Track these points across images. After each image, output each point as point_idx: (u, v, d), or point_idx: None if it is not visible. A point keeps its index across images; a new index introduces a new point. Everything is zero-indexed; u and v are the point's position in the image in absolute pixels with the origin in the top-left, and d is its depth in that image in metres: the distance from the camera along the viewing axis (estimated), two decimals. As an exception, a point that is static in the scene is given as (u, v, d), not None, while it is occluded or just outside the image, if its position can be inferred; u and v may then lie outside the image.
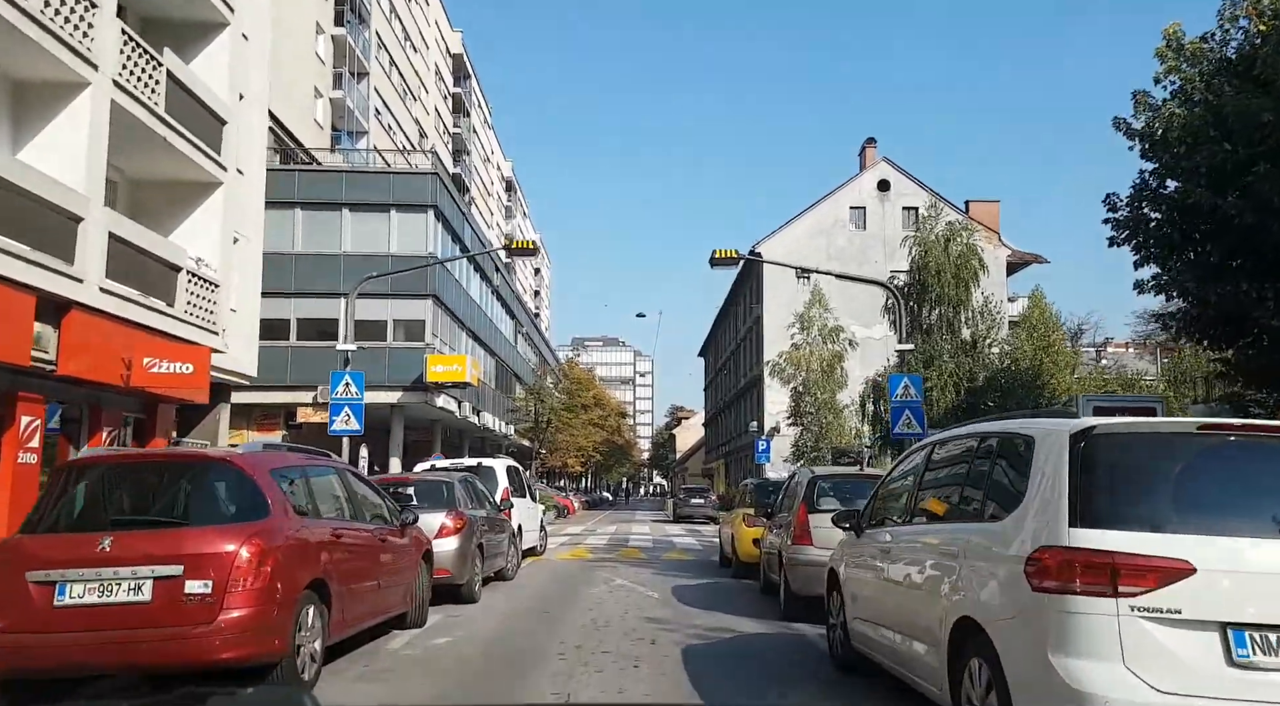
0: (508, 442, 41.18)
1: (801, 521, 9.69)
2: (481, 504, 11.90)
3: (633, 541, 20.61)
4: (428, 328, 30.73)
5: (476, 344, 39.05)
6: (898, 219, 49.03)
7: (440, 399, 31.83)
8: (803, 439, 40.56)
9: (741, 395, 55.42)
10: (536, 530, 16.60)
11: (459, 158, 62.62)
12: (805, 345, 40.56)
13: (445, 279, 32.41)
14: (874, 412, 32.21)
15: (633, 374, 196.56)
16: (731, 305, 59.86)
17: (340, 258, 30.79)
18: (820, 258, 47.59)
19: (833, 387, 39.53)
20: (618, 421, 67.02)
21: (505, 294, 47.00)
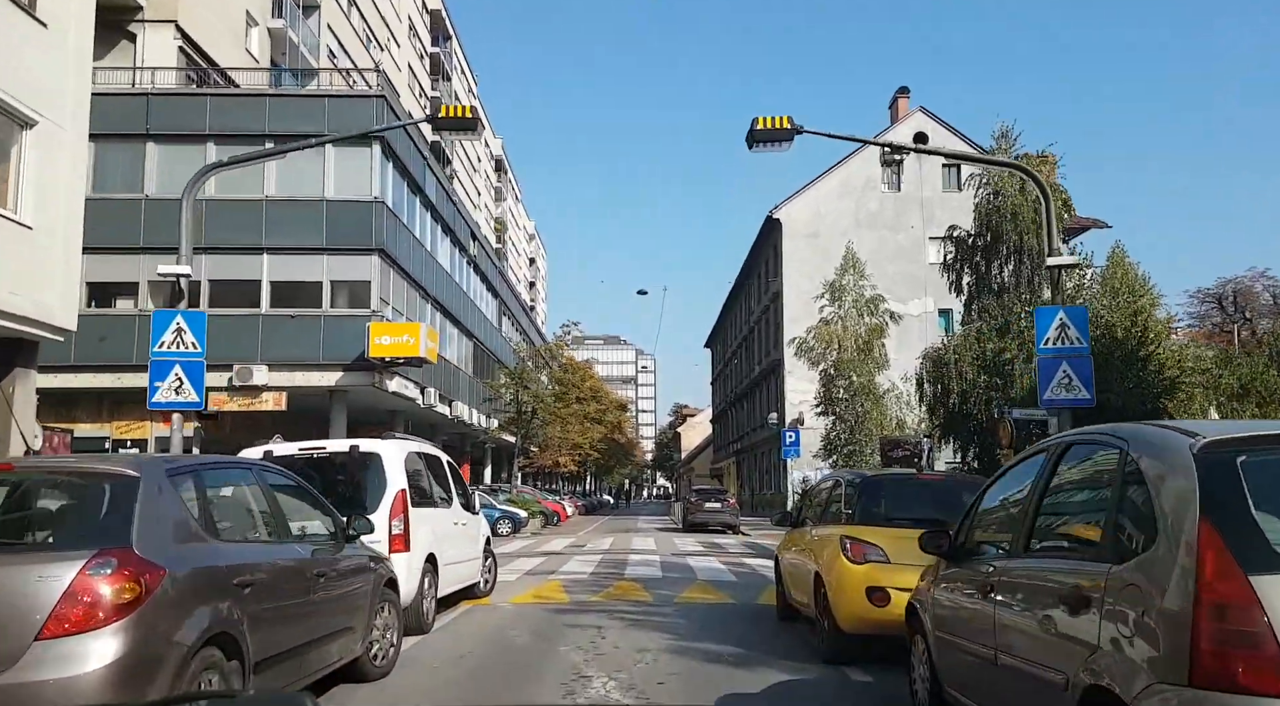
0: (485, 438, 34.87)
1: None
2: (285, 530, 5.44)
3: (633, 565, 14.40)
4: (374, 290, 24.44)
5: (446, 319, 32.74)
6: (937, 177, 42.73)
7: (394, 382, 25.53)
8: (835, 431, 34.18)
9: (757, 384, 49.09)
10: (476, 559, 10.23)
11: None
12: (837, 319, 34.23)
13: (398, 231, 26.13)
14: (935, 394, 25.88)
15: (634, 372, 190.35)
16: (744, 283, 53.53)
17: (262, 204, 24.51)
18: (848, 222, 41.43)
19: (871, 369, 33.16)
20: (618, 416, 60.68)
21: (486, 268, 40.71)
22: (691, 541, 22.13)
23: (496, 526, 25.88)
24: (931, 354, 26.51)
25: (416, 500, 8.20)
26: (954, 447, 27.37)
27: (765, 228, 43.79)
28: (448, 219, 32.88)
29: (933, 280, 42.14)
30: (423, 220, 29.71)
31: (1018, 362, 24.10)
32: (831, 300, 34.30)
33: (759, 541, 22.68)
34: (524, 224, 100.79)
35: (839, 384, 33.87)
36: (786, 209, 42.13)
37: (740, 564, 15.00)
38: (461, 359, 35.42)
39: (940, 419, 26.65)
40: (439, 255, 31.83)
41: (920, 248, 41.76)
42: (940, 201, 42.38)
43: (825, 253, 41.38)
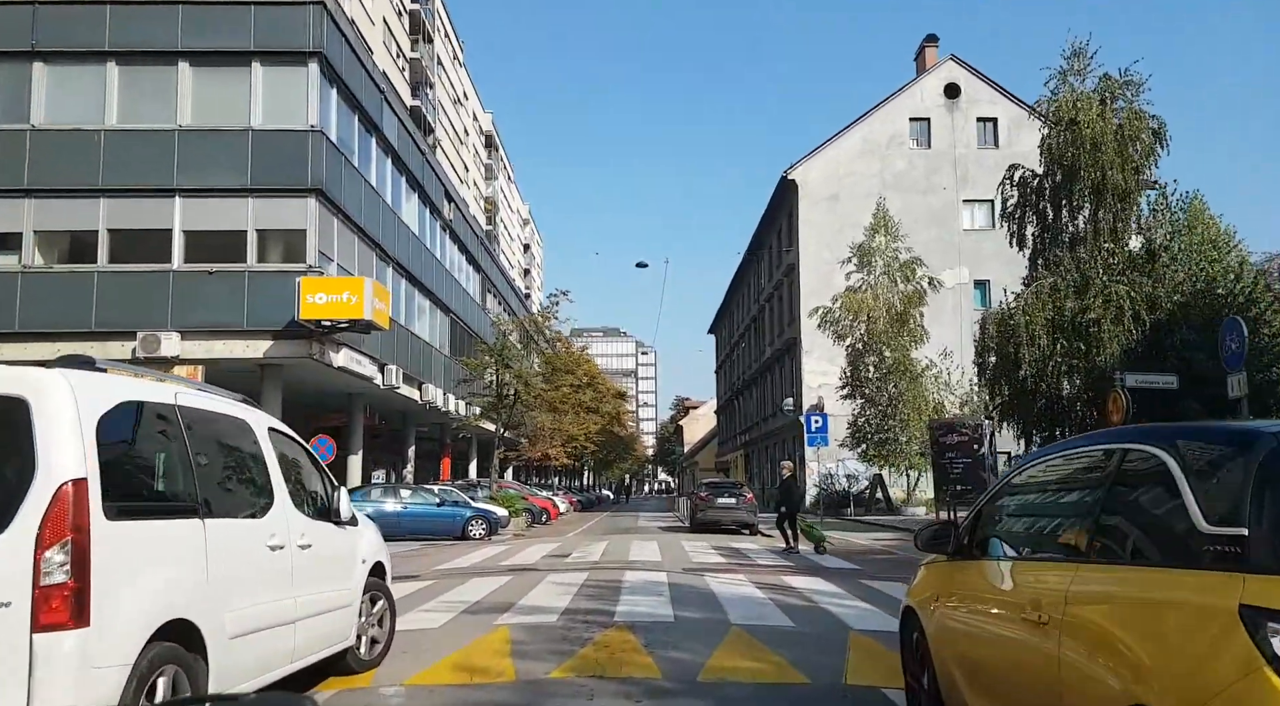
0: (460, 425, 30.30)
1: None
2: None
3: (629, 593, 9.83)
4: (311, 241, 19.92)
5: (415, 288, 28.22)
6: (971, 134, 38.12)
7: (340, 355, 21.03)
8: (864, 415, 29.68)
9: (768, 368, 44.58)
10: (341, 607, 5.54)
11: (419, 91, 51.84)
12: (866, 286, 29.72)
13: (343, 172, 21.59)
14: (998, 366, 21.36)
15: (634, 366, 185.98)
16: (753, 258, 49.00)
17: (174, 136, 19.98)
18: (873, 183, 36.89)
19: (906, 343, 28.64)
20: (616, 406, 56.12)
21: (466, 237, 36.17)
22: (705, 546, 17.64)
23: (468, 529, 21.42)
24: (993, 317, 21.96)
25: (133, 504, 3.71)
26: (1016, 430, 22.86)
27: (779, 191, 39.24)
28: (415, 172, 28.34)
29: (968, 248, 37.68)
30: (381, 167, 25.17)
31: (1104, 324, 19.59)
32: (860, 265, 29.81)
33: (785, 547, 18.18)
34: (517, 206, 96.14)
35: (868, 361, 29.40)
36: (803, 169, 37.59)
37: (784, 589, 10.48)
38: (436, 336, 30.92)
39: (1003, 395, 22.15)
40: (404, 212, 27.28)
41: (953, 212, 37.23)
42: (976, 160, 37.84)
43: (846, 218, 36.86)
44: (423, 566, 14.16)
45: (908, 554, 16.20)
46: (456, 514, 21.66)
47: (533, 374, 28.04)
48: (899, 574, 12.48)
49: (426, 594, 10.08)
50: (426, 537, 21.11)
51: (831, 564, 14.04)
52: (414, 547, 18.93)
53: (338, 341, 20.77)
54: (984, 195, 37.76)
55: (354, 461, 26.06)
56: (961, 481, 20.92)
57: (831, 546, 16.39)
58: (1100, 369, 19.27)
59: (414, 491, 22.25)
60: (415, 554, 17.18)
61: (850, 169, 37.62)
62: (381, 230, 24.51)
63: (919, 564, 4.98)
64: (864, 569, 13.20)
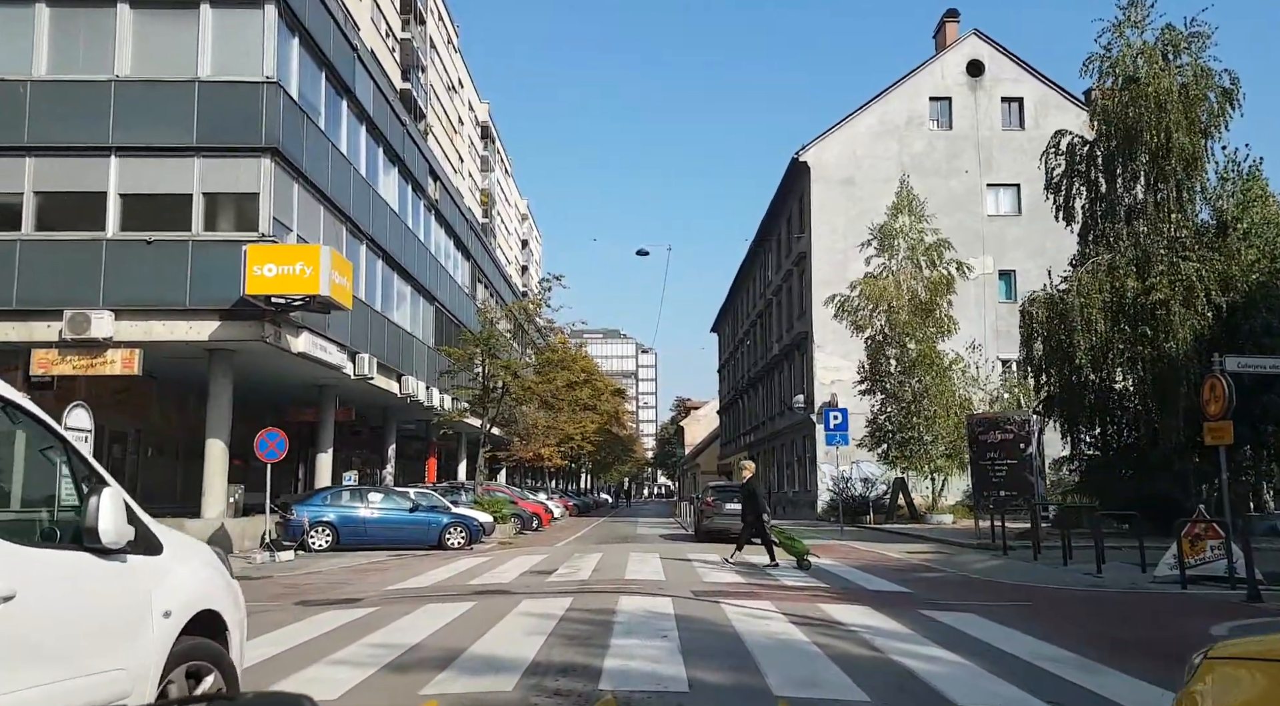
0: (442, 421, 27.79)
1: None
2: None
3: (623, 635, 7.23)
4: (264, 207, 17.43)
5: (394, 272, 25.74)
6: (996, 115, 35.64)
7: (300, 339, 18.56)
8: (885, 412, 27.17)
9: (776, 365, 42.08)
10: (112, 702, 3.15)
11: (409, 74, 49.43)
12: (888, 272, 27.23)
13: (305, 132, 19.10)
14: (1047, 354, 18.86)
15: (634, 367, 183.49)
16: (760, 249, 46.51)
17: (110, 87, 17.51)
18: (890, 166, 34.41)
19: (931, 334, 26.14)
20: (615, 405, 53.57)
21: (454, 220, 33.70)
22: (715, 560, 15.15)
23: (445, 538, 18.94)
24: (1041, 300, 19.46)
25: None
26: (1060, 426, 20.34)
27: (790, 175, 36.77)
28: (395, 144, 25.87)
29: (991, 235, 35.18)
30: (354, 134, 22.70)
31: (1173, 306, 17.10)
32: (881, 249, 27.28)
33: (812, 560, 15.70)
34: (515, 201, 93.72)
35: (889, 353, 26.88)
36: (815, 151, 35.11)
37: (829, 625, 7.97)
38: (419, 326, 28.43)
39: (1053, 386, 19.66)
40: (381, 187, 24.80)
41: (976, 197, 34.75)
42: (1001, 142, 35.40)
43: (862, 202, 34.41)
44: (371, 586, 11.67)
45: (955, 572, 13.70)
46: (432, 520, 19.17)
47: (522, 365, 25.54)
48: (961, 599, 9.99)
49: (351, 632, 7.59)
50: (398, 547, 18.65)
51: (873, 584, 11.55)
52: (378, 559, 16.44)
53: (297, 323, 18.28)
54: (1009, 179, 35.43)
55: (324, 460, 23.55)
56: (1005, 486, 18.45)
57: (816, 561, 13.98)
58: (1169, 357, 16.80)
59: (384, 495, 19.77)
60: (373, 568, 14.70)
61: (866, 151, 35.15)
62: (353, 203, 22.04)
63: (1196, 659, 2.46)
64: (914, 592, 10.71)
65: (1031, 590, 11.23)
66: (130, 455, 22.49)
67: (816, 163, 34.92)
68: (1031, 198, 35.30)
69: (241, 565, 14.95)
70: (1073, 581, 12.08)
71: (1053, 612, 9.29)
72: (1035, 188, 35.94)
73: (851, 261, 32.61)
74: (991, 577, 12.77)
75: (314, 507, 18.43)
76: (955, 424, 26.01)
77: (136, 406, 21.98)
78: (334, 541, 18.34)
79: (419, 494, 22.93)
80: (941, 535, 21.25)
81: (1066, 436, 20.32)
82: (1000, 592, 10.96)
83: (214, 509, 17.80)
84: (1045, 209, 35.87)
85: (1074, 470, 20.84)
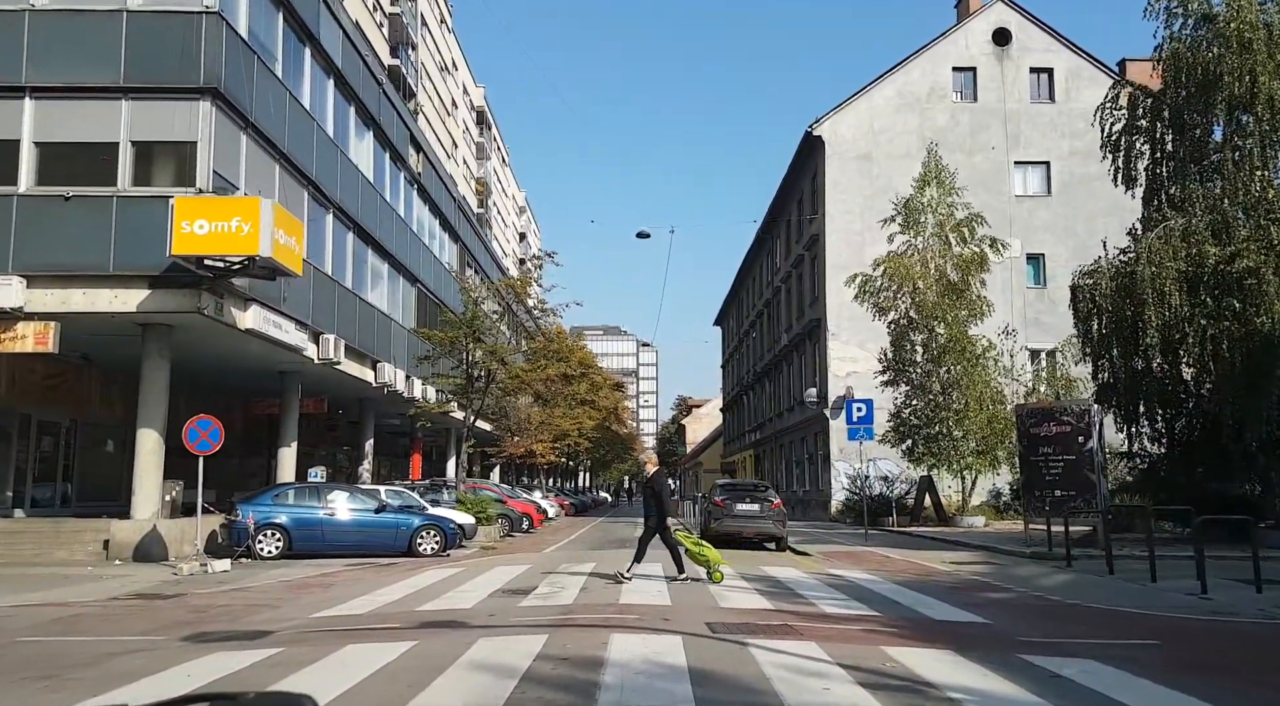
0: (416, 413, 25.20)
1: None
2: None
3: (612, 684, 5.14)
4: (203, 157, 14.95)
5: (368, 247, 23.27)
6: (1024, 87, 33.16)
7: (249, 313, 16.09)
8: (910, 404, 24.69)
9: (785, 358, 39.59)
10: None
11: (399, 50, 46.91)
12: (913, 249, 24.75)
13: (255, 74, 16.57)
14: (1108, 332, 16.38)
15: (635, 365, 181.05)
16: (767, 235, 44.00)
17: (23, 18, 15.05)
18: (910, 141, 31.98)
19: (963, 317, 23.68)
20: (614, 400, 51.00)
21: (438, 196, 31.22)
22: (730, 574, 12.69)
23: (416, 543, 16.51)
24: (1106, 270, 16.97)
25: None
26: (1117, 417, 17.85)
27: (802, 150, 34.26)
28: (370, 106, 23.39)
29: (1019, 217, 32.63)
30: (319, 87, 20.22)
31: (1265, 274, 14.61)
32: (905, 226, 24.77)
33: (845, 573, 13.31)
34: (513, 192, 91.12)
35: (914, 339, 24.39)
36: (830, 123, 32.61)
37: (916, 688, 5.47)
38: (399, 309, 25.97)
39: (1117, 371, 17.17)
40: (353, 151, 22.33)
41: (1003, 175, 32.26)
42: (1029, 116, 32.93)
43: (880, 180, 31.93)
44: (298, 611, 9.21)
45: (1024, 590, 11.21)
46: (401, 523, 16.69)
47: (510, 351, 23.06)
48: (1063, 636, 7.52)
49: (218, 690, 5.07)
50: (361, 554, 16.21)
51: (938, 611, 9.08)
52: (330, 571, 13.98)
53: (243, 294, 15.80)
54: (1038, 157, 32.96)
55: (286, 456, 21.07)
56: (1061, 485, 15.96)
57: (852, 575, 11.56)
58: (1262, 333, 14.31)
59: (349, 494, 17.26)
60: (317, 583, 12.22)
61: (885, 124, 32.66)
62: (318, 165, 19.56)
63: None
64: (995, 624, 8.26)
65: (1138, 620, 8.76)
66: (64, 448, 19.99)
67: (831, 137, 32.43)
68: (1062, 176, 32.92)
69: (159, 580, 12.49)
70: (1180, 605, 9.62)
71: (1201, 658, 6.84)
72: (1066, 165, 33.69)
73: (869, 244, 30.14)
74: (1073, 599, 10.29)
75: (262, 508, 15.94)
76: (989, 417, 23.56)
77: (70, 394, 19.49)
78: (286, 547, 15.88)
79: (391, 492, 20.51)
80: (982, 540, 18.78)
81: (1123, 429, 17.83)
82: (1103, 624, 8.49)
83: (146, 508, 15.36)
84: (1077, 189, 33.66)
85: (1132, 467, 18.35)
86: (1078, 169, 32.79)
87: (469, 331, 21.85)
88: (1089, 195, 32.70)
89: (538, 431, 33.55)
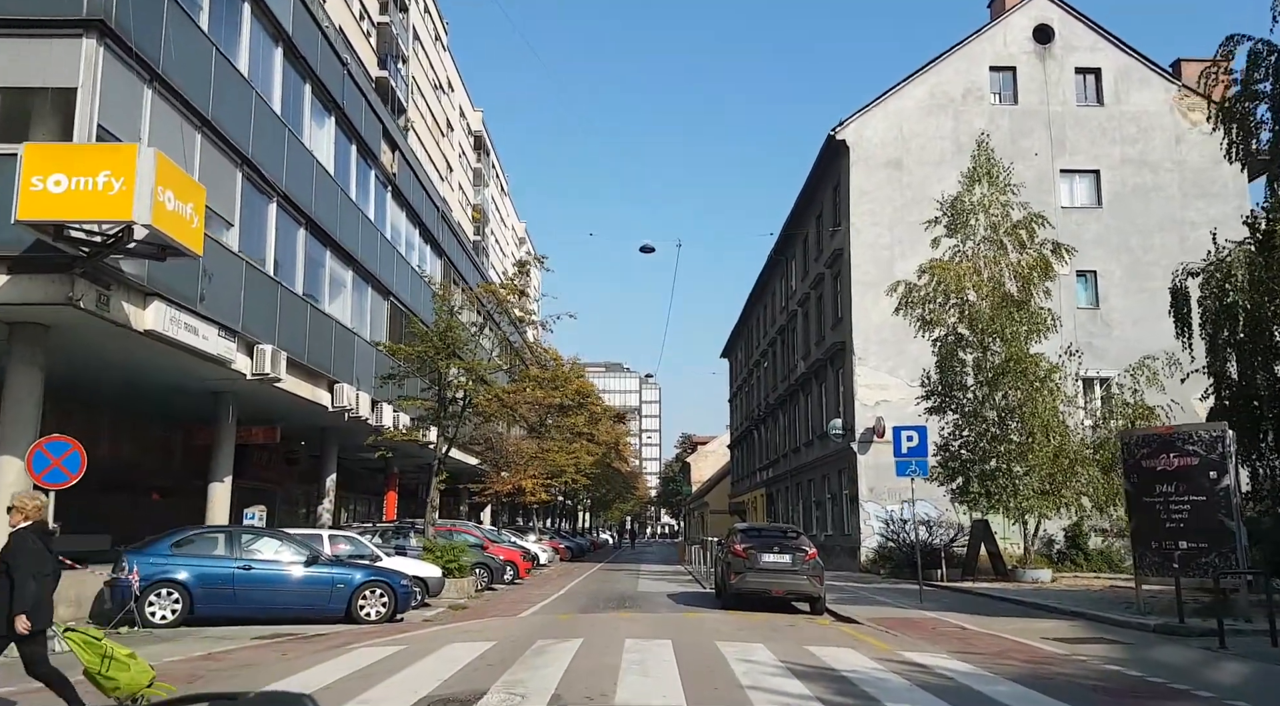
0: (373, 441, 21.33)
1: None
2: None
3: None
4: (84, 105, 11.62)
5: (326, 249, 19.93)
6: (1070, 88, 30.10)
7: (148, 311, 12.67)
8: (961, 435, 21.13)
9: (802, 387, 36.05)
10: None
11: (388, 63, 44.18)
12: (961, 255, 21.40)
13: (159, 9, 13.24)
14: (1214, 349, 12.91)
15: (638, 402, 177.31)
16: (781, 256, 40.70)
17: None
18: (944, 146, 28.90)
19: (1023, 332, 20.21)
20: (615, 434, 47.29)
21: (417, 202, 27.98)
22: (765, 656, 9.08)
23: (357, 604, 12.95)
24: (1240, 259, 13.50)
25: None
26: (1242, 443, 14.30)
27: (824, 156, 31.07)
28: (333, 88, 20.23)
29: (1067, 230, 28.93)
30: (261, 51, 17.02)
31: None
32: (952, 229, 21.42)
33: (928, 659, 9.75)
34: (512, 223, 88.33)
35: (964, 358, 20.91)
36: (855, 127, 29.48)
37: None
38: (365, 324, 22.56)
39: (1253, 386, 13.63)
40: (307, 135, 19.09)
41: (1048, 184, 29.00)
42: (1075, 121, 29.82)
43: (911, 190, 28.73)
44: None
45: (1212, 695, 7.56)
46: (338, 579, 13.09)
47: (491, 367, 19.55)
48: None
49: None
50: (287, 618, 12.63)
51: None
52: (220, 650, 10.33)
53: (141, 286, 12.39)
54: (1086, 165, 29.74)
55: (218, 493, 17.45)
56: (1187, 534, 12.34)
57: (919, 657, 7.98)
58: None
59: (277, 541, 13.61)
60: (170, 675, 8.50)
61: (916, 128, 29.53)
62: (257, 142, 16.27)
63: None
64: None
65: None
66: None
67: (857, 141, 29.26)
68: (1114, 186, 29.66)
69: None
70: None
71: None
72: (1118, 174, 30.44)
73: (899, 259, 26.85)
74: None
75: (156, 559, 12.36)
76: (1054, 451, 19.97)
77: None
78: (186, 610, 12.29)
79: (346, 537, 16.97)
80: (1064, 602, 15.09)
81: (1249, 461, 14.26)
82: None
83: (1, 562, 11.73)
84: (1130, 200, 30.31)
85: (1264, 510, 14.73)
86: (1131, 178, 29.60)
87: (442, 345, 18.40)
88: (1144, 207, 29.48)
89: (528, 466, 29.87)
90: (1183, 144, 29.58)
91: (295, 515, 26.54)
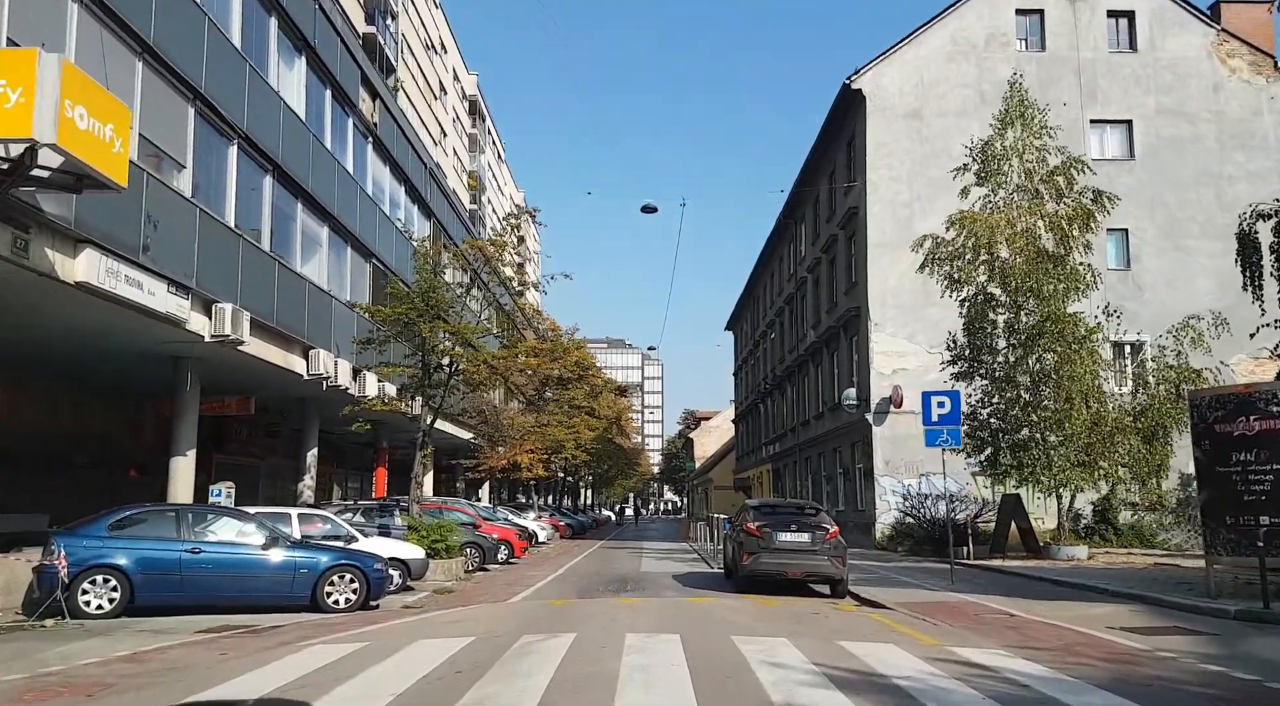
0: (350, 413, 19.61)
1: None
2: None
3: None
4: (-15, 13, 9.92)
5: (290, 193, 18.25)
6: (1101, 33, 28.22)
7: (80, 260, 11.04)
8: (990, 402, 19.54)
9: (812, 356, 34.43)
10: None
11: (375, 18, 42.20)
12: (991, 207, 19.69)
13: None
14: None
15: (640, 378, 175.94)
16: (790, 219, 38.91)
17: None
18: (967, 95, 27.09)
19: (1060, 290, 18.53)
20: (616, 408, 45.74)
21: (401, 154, 26.22)
22: (790, 653, 7.60)
23: (323, 592, 11.45)
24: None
25: None
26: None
27: (838, 107, 29.21)
28: (298, 19, 18.43)
29: (1097, 184, 27.47)
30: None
31: None
32: (982, 177, 19.70)
33: (988, 658, 8.20)
34: (509, 191, 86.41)
35: (995, 318, 19.29)
36: (872, 76, 27.62)
37: None
38: (344, 286, 20.93)
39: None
40: (272, 74, 17.34)
41: (1077, 135, 27.10)
42: (1107, 68, 27.96)
43: (931, 142, 26.94)
44: None
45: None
46: (302, 564, 11.56)
47: (479, 331, 17.94)
48: None
49: None
50: (243, 607, 11.14)
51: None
52: (152, 647, 8.80)
53: (69, 231, 10.76)
54: (1118, 114, 27.90)
55: (181, 469, 15.90)
56: (1268, 509, 10.75)
57: (967, 653, 6.40)
58: None
59: (235, 521, 12.06)
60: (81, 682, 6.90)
61: (937, 76, 27.67)
62: (211, 76, 14.54)
63: None
64: None
65: None
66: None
67: (874, 91, 27.41)
68: (1148, 138, 27.80)
69: None
70: None
71: None
72: (1152, 125, 28.48)
73: (918, 217, 25.16)
74: None
75: (90, 543, 10.82)
76: (1092, 419, 18.38)
77: None
78: (126, 599, 10.76)
79: (321, 516, 15.45)
80: (1113, 582, 13.57)
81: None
82: None
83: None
84: (1165, 152, 28.32)
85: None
86: (1165, 130, 27.74)
87: (424, 307, 16.76)
88: (1180, 161, 27.65)
89: (524, 440, 28.35)
90: (1221, 92, 27.71)
91: (284, 491, 25.05)
